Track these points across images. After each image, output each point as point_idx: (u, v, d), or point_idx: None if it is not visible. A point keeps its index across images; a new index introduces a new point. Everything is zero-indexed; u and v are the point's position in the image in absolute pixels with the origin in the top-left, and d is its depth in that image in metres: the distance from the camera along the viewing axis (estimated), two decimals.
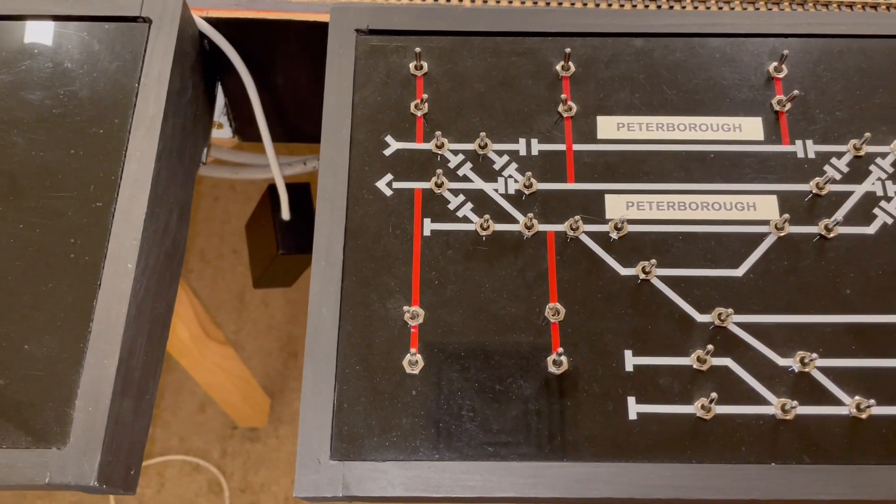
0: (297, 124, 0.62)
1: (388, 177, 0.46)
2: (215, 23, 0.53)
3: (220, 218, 1.30)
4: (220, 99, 0.60)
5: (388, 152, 0.47)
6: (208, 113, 0.57)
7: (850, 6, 0.54)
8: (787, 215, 0.44)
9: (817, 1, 0.54)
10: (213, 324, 0.92)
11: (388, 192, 0.46)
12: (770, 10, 0.53)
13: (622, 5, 0.54)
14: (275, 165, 0.61)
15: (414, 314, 0.43)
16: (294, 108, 0.61)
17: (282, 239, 0.66)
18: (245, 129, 0.62)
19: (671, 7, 0.53)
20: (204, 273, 1.27)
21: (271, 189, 0.67)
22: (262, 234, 0.69)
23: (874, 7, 0.54)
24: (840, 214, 0.45)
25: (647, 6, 0.54)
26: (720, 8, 0.53)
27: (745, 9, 0.53)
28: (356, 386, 0.41)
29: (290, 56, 0.56)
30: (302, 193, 0.66)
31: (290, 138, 0.63)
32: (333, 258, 0.44)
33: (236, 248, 1.28)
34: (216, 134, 0.62)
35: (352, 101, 0.48)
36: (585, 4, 0.54)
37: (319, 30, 0.51)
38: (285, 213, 0.65)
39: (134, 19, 0.48)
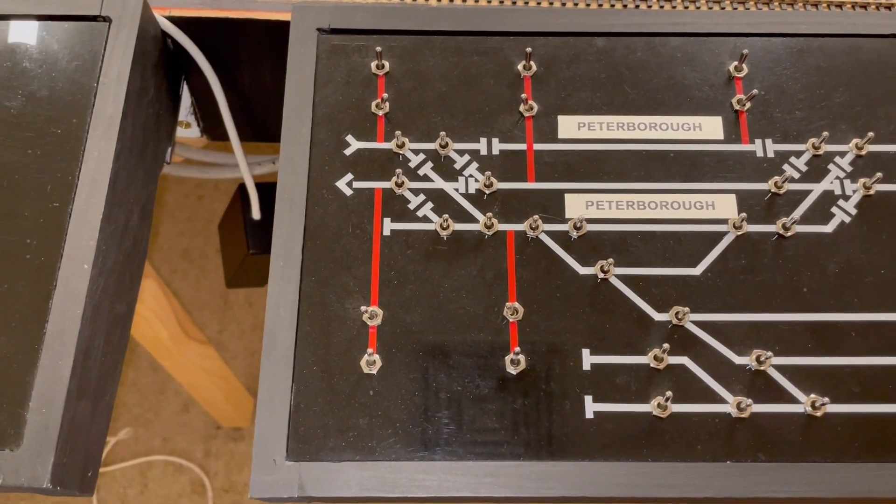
0: (265, 123, 0.62)
1: (349, 176, 0.46)
2: (178, 22, 0.52)
3: (204, 217, 1.30)
4: (187, 98, 0.59)
5: (348, 152, 0.47)
6: (172, 112, 0.57)
7: (816, 5, 0.54)
8: (744, 214, 0.44)
9: (783, 0, 0.54)
10: (192, 324, 0.91)
11: (349, 192, 0.46)
12: (735, 9, 0.53)
13: (588, 4, 0.54)
14: (243, 165, 0.61)
15: (372, 314, 0.43)
16: (261, 107, 0.61)
17: (251, 238, 0.66)
18: (213, 128, 0.62)
19: (637, 6, 0.53)
20: (188, 273, 1.26)
21: (242, 189, 0.67)
22: (233, 234, 0.68)
23: (839, 6, 0.54)
24: (798, 213, 0.45)
25: (612, 5, 0.54)
26: (686, 7, 0.53)
27: (710, 7, 0.53)
28: (313, 386, 0.41)
29: (254, 55, 0.56)
30: (273, 193, 0.66)
31: (258, 137, 0.63)
32: (292, 258, 0.44)
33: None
34: (184, 133, 0.62)
35: (312, 100, 0.48)
36: (552, 3, 0.54)
37: (283, 29, 0.51)
38: (255, 213, 0.65)
39: (94, 18, 0.48)
